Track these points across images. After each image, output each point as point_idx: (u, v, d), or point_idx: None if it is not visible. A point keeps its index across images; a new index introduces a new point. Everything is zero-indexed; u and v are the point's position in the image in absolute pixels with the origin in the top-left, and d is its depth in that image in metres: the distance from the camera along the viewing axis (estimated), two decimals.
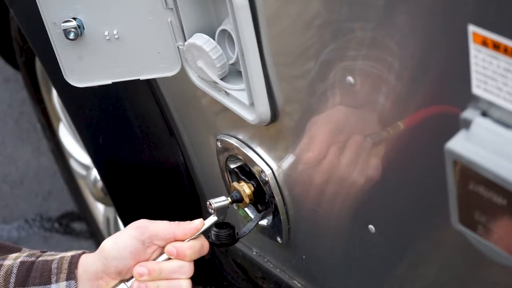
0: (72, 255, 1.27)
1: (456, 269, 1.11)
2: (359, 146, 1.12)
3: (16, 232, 2.86)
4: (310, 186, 1.28)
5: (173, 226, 1.25)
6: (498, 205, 0.88)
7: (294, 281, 1.49)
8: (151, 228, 1.24)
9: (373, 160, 1.11)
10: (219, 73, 1.25)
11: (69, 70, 1.33)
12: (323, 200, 1.27)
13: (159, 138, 1.67)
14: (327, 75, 1.10)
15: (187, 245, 1.25)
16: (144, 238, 1.24)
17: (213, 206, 1.30)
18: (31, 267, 1.25)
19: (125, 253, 1.23)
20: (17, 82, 3.15)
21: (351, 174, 1.16)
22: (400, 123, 1.03)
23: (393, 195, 1.12)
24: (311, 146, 1.21)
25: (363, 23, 1.00)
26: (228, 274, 1.72)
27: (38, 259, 1.27)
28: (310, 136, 1.20)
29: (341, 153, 1.16)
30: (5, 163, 3.10)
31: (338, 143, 1.16)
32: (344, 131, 1.14)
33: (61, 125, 2.45)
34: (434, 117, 0.98)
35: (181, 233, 1.25)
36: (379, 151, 1.09)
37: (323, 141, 1.18)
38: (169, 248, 1.24)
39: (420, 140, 1.02)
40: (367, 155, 1.11)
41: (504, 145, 0.86)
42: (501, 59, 0.84)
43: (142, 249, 1.24)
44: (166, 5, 1.24)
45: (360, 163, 1.14)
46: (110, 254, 1.23)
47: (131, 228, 1.25)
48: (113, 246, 1.23)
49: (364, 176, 1.14)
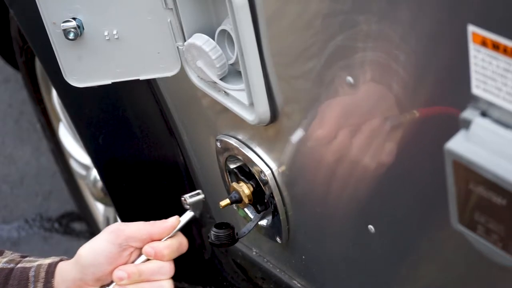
0: (50, 263, 1.25)
1: (456, 269, 1.11)
2: (359, 146, 1.12)
3: (16, 232, 2.86)
4: (309, 186, 1.28)
5: (148, 226, 1.23)
6: (498, 205, 0.88)
7: (293, 281, 1.49)
8: (126, 231, 1.22)
9: (373, 160, 1.11)
10: (219, 73, 1.25)
11: (69, 70, 1.33)
12: (322, 200, 1.27)
13: (159, 138, 1.66)
14: (326, 75, 1.10)
15: (164, 244, 1.22)
16: (120, 241, 1.22)
17: (188, 201, 1.27)
18: (10, 274, 1.24)
19: (101, 259, 1.21)
20: (17, 82, 3.15)
21: (351, 174, 1.16)
22: (400, 123, 1.03)
23: (393, 195, 1.12)
24: (316, 146, 1.21)
25: (363, 23, 1.00)
26: (228, 274, 1.72)
27: (17, 266, 1.26)
28: (314, 136, 1.20)
29: (341, 153, 1.16)
30: (5, 163, 3.10)
31: (338, 143, 1.16)
32: (343, 131, 1.14)
33: (61, 125, 2.45)
34: (434, 117, 0.98)
35: (157, 233, 1.23)
36: (378, 151, 1.09)
37: (323, 142, 1.18)
38: (147, 249, 1.22)
39: (420, 140, 1.02)
40: (367, 155, 1.11)
41: (503, 145, 0.86)
42: (500, 59, 0.84)
43: (119, 253, 1.22)
44: (166, 5, 1.24)
45: (360, 163, 1.14)
46: (86, 261, 1.21)
47: (105, 232, 1.23)
48: (88, 253, 1.22)
49: (364, 176, 1.14)
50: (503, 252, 0.91)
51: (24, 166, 3.09)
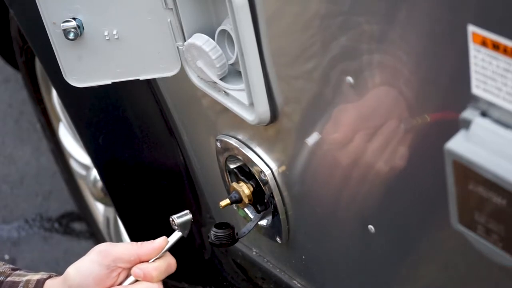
0: (38, 279, 1.25)
1: (456, 269, 1.11)
2: (358, 147, 1.12)
3: (16, 232, 2.86)
4: (309, 186, 1.28)
5: (136, 247, 1.23)
6: (498, 205, 0.88)
7: (293, 281, 1.49)
8: (113, 252, 1.22)
9: (373, 160, 1.11)
10: (219, 73, 1.25)
11: (69, 70, 1.33)
12: (322, 200, 1.27)
13: (159, 138, 1.66)
14: (326, 75, 1.10)
15: (153, 266, 1.22)
16: (108, 262, 1.21)
17: (176, 222, 1.26)
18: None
19: (89, 280, 1.21)
20: (17, 82, 3.15)
21: (351, 174, 1.16)
22: (400, 123, 1.03)
23: (393, 195, 1.12)
24: (316, 146, 1.21)
25: (363, 23, 1.00)
26: (228, 274, 1.72)
27: (6, 279, 1.25)
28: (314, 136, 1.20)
29: (341, 154, 1.16)
30: (5, 163, 3.10)
31: (338, 143, 1.16)
32: (343, 131, 1.14)
33: (61, 125, 2.45)
34: (434, 117, 0.98)
35: (145, 254, 1.22)
36: (378, 151, 1.09)
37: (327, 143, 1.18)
38: (135, 271, 1.22)
39: (420, 140, 1.02)
40: (367, 155, 1.11)
41: (503, 145, 0.86)
42: (500, 59, 0.84)
43: (106, 274, 1.21)
44: (166, 5, 1.24)
45: (360, 164, 1.14)
46: (74, 282, 1.21)
47: (93, 253, 1.23)
48: (76, 274, 1.21)
49: (364, 176, 1.14)
50: (503, 252, 0.91)
51: (24, 166, 3.09)
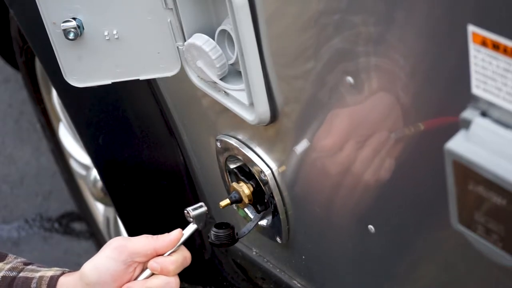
0: (51, 276, 1.24)
1: (456, 269, 1.11)
2: (358, 147, 1.12)
3: (16, 232, 2.86)
4: (309, 186, 1.28)
5: (153, 240, 1.23)
6: (498, 205, 0.88)
7: (293, 281, 1.49)
8: (129, 247, 1.22)
9: (373, 160, 1.11)
10: (219, 73, 1.25)
11: (69, 70, 1.33)
12: (322, 200, 1.27)
13: (159, 138, 1.66)
14: (326, 75, 1.10)
15: (170, 260, 1.23)
16: (124, 257, 1.21)
17: (191, 214, 1.28)
18: (12, 283, 1.24)
19: (106, 277, 1.21)
20: (17, 82, 3.15)
21: (351, 174, 1.16)
22: (400, 123, 1.03)
23: (393, 195, 1.12)
24: (316, 147, 1.21)
25: (363, 23, 1.00)
26: (228, 274, 1.72)
27: (19, 275, 1.25)
28: (314, 137, 1.20)
29: (341, 154, 1.16)
30: (5, 163, 3.10)
31: (338, 143, 1.16)
32: (343, 131, 1.14)
33: (61, 125, 2.45)
34: (434, 117, 0.98)
35: (162, 247, 1.23)
36: (379, 151, 1.09)
37: (327, 143, 1.18)
38: (153, 265, 1.22)
39: (420, 140, 1.02)
40: (367, 155, 1.11)
41: (503, 145, 0.86)
42: (500, 59, 0.84)
43: (123, 270, 1.21)
44: (166, 5, 1.24)
45: (359, 164, 1.14)
46: (91, 279, 1.21)
47: (109, 249, 1.22)
48: (93, 271, 1.21)
49: (364, 177, 1.14)
50: (503, 252, 0.91)
51: (24, 166, 3.08)
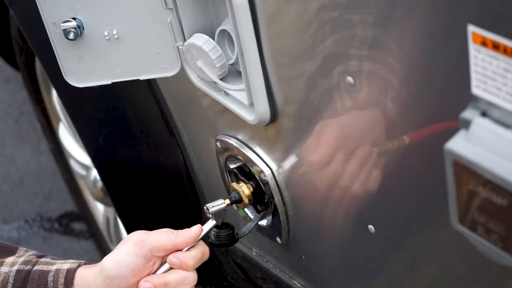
0: (68, 269, 1.25)
1: (456, 269, 1.11)
2: (357, 147, 1.12)
3: (16, 232, 2.86)
4: (309, 187, 1.28)
5: (173, 236, 1.24)
6: (498, 205, 0.88)
7: (293, 281, 1.49)
8: (149, 241, 1.23)
9: (373, 160, 1.11)
10: (219, 73, 1.25)
11: (69, 70, 1.33)
12: (322, 201, 1.27)
13: (159, 138, 1.67)
14: (326, 75, 1.10)
15: (190, 255, 1.24)
16: (144, 252, 1.22)
17: (211, 211, 1.29)
18: (27, 277, 1.24)
19: (126, 271, 1.22)
20: (17, 82, 3.15)
21: (351, 174, 1.16)
22: (400, 123, 1.03)
23: (393, 195, 1.12)
24: (315, 148, 1.21)
25: (363, 23, 1.00)
26: (228, 274, 1.72)
27: (34, 268, 1.26)
28: (314, 137, 1.20)
29: (341, 153, 1.16)
30: (5, 163, 3.10)
31: (338, 143, 1.16)
32: (342, 132, 1.14)
33: (61, 125, 2.45)
34: (434, 117, 0.98)
35: (182, 242, 1.24)
36: (379, 150, 1.09)
37: (327, 144, 1.18)
38: (172, 260, 1.23)
39: (420, 140, 1.02)
40: (367, 155, 1.11)
41: (503, 145, 0.86)
42: (500, 59, 0.84)
43: (143, 264, 1.22)
44: (166, 5, 1.24)
45: (359, 164, 1.14)
46: (112, 273, 1.22)
47: (129, 243, 1.23)
48: (113, 265, 1.22)
49: (364, 177, 1.14)
50: (503, 252, 0.91)
51: (24, 166, 3.08)
